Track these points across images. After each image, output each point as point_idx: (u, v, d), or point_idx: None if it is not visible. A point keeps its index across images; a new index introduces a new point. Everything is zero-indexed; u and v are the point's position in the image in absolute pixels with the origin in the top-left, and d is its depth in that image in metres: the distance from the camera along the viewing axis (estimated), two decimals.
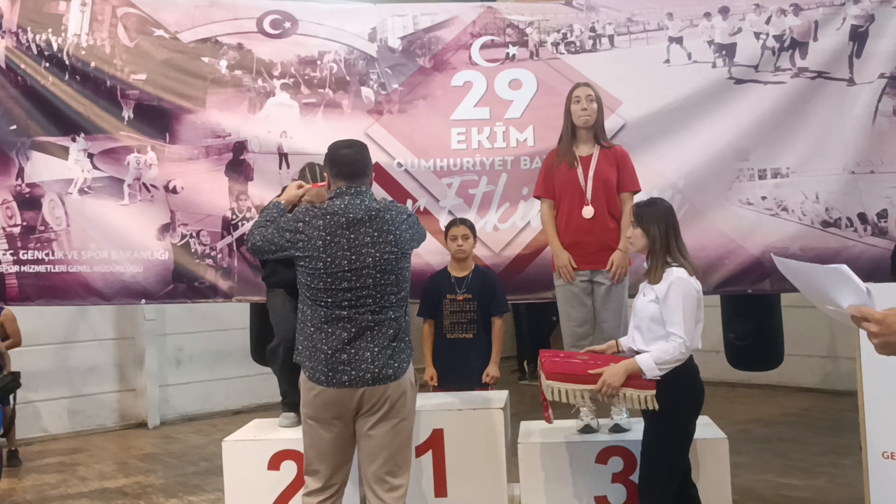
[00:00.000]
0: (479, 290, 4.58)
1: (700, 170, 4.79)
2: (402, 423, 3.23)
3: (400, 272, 3.23)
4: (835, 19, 4.77)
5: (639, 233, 3.45)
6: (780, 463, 5.66)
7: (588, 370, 3.35)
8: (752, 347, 5.74)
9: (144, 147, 4.85)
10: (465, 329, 4.58)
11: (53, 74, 4.82)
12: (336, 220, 3.19)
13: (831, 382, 7.92)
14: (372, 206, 3.25)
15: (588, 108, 4.16)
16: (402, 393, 3.21)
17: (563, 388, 3.37)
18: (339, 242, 3.16)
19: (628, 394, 3.30)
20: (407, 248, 3.28)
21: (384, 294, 3.18)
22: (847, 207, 4.70)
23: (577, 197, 4.13)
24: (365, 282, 3.15)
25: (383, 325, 3.18)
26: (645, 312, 3.38)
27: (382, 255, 3.17)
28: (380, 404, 3.18)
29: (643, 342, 3.38)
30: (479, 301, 4.58)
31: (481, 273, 4.66)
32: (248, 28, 5.03)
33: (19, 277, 4.77)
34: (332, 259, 3.15)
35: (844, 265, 2.01)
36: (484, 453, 3.94)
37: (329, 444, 3.23)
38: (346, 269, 3.14)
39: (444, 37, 5.07)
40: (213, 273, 4.84)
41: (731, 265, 4.78)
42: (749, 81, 4.83)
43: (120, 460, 6.63)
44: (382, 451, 3.20)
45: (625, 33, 4.98)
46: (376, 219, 3.20)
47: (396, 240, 3.21)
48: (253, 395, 8.22)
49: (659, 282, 3.35)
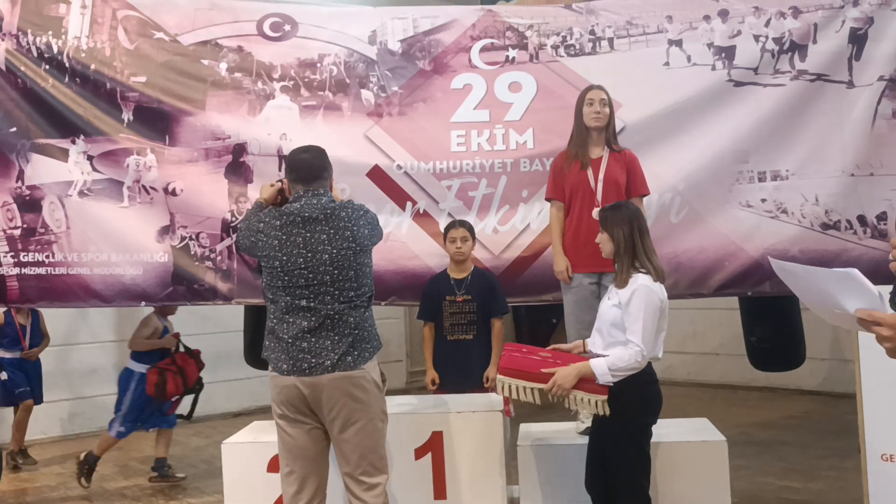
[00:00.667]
0: (479, 292, 4.60)
1: (700, 172, 4.78)
2: (369, 424, 3.25)
3: (359, 267, 3.28)
4: (834, 22, 4.77)
5: (605, 237, 3.49)
6: (781, 466, 5.66)
7: (541, 369, 3.36)
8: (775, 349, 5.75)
9: (144, 149, 4.85)
10: (465, 330, 4.60)
11: (53, 77, 4.82)
12: (292, 220, 3.28)
13: (832, 385, 7.91)
14: (328, 205, 3.32)
15: (601, 111, 4.19)
16: (363, 391, 3.22)
17: (513, 384, 3.40)
18: (294, 241, 3.24)
19: (579, 396, 3.30)
20: (365, 244, 3.32)
21: (342, 290, 3.23)
22: (847, 210, 4.70)
23: (587, 198, 4.14)
24: (322, 278, 3.21)
25: (343, 316, 3.23)
26: (607, 316, 3.40)
27: (339, 252, 3.23)
28: (340, 404, 3.19)
29: (602, 346, 3.39)
30: (479, 302, 4.59)
31: (480, 274, 4.67)
32: (249, 31, 5.03)
33: (20, 279, 4.77)
34: (287, 258, 3.23)
35: (855, 269, 1.99)
36: (483, 456, 3.94)
37: (299, 444, 3.26)
38: (303, 267, 3.21)
39: (443, 40, 5.07)
40: (212, 275, 4.84)
41: (732, 267, 4.78)
42: (748, 84, 4.83)
43: (120, 462, 6.63)
44: (354, 452, 3.24)
45: (624, 36, 4.98)
46: (332, 217, 3.28)
47: (354, 235, 3.27)
48: (253, 397, 8.22)
49: (624, 286, 3.35)
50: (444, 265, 4.72)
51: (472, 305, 4.59)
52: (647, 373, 3.36)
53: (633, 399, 3.31)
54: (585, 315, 4.11)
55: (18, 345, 6.50)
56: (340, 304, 3.24)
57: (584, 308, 4.13)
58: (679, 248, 4.77)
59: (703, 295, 4.88)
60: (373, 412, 3.26)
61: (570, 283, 4.17)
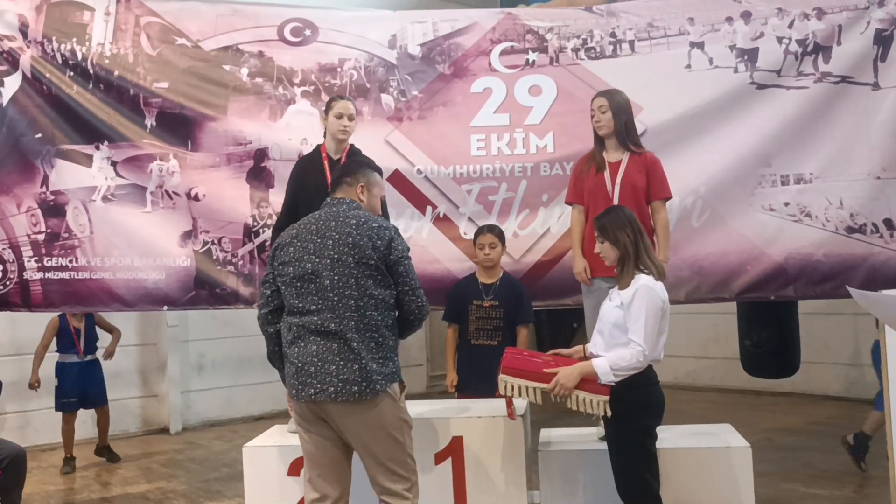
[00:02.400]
0: (506, 298, 4.56)
1: (722, 175, 4.75)
2: (385, 438, 3.15)
3: (361, 278, 3.12)
4: (859, 23, 4.72)
5: (607, 246, 3.45)
6: (806, 472, 5.58)
7: (544, 369, 3.34)
8: (768, 355, 5.70)
9: (167, 155, 4.89)
10: (490, 336, 4.55)
11: (78, 83, 4.88)
12: (307, 228, 3.26)
13: (857, 391, 7.81)
14: (345, 212, 3.26)
15: (601, 118, 4.14)
16: (374, 411, 3.11)
17: (515, 384, 3.38)
18: (307, 247, 3.20)
19: (581, 396, 3.29)
20: (367, 254, 3.13)
21: (342, 297, 3.11)
22: (873, 213, 4.64)
23: (604, 202, 4.10)
24: (323, 283, 3.14)
25: (346, 336, 3.09)
26: (609, 317, 3.38)
27: (340, 256, 3.14)
28: (350, 428, 3.13)
29: (604, 347, 3.38)
30: (506, 308, 4.56)
31: (509, 281, 4.65)
32: (269, 36, 5.06)
33: (43, 284, 4.83)
34: (299, 262, 3.19)
35: None
36: (504, 461, 3.92)
37: (318, 451, 3.23)
38: (310, 272, 3.16)
39: (463, 43, 5.07)
40: (234, 279, 4.87)
41: (754, 272, 4.73)
42: (772, 86, 4.78)
43: (142, 466, 6.68)
44: (374, 465, 3.18)
45: (645, 39, 4.96)
46: (341, 223, 3.20)
47: (355, 243, 3.15)
48: (274, 401, 8.24)
49: (626, 288, 3.34)
50: (464, 269, 4.71)
51: (499, 311, 4.55)
52: (648, 375, 3.35)
53: (637, 400, 3.30)
54: None
55: (74, 348, 6.53)
56: (343, 316, 3.10)
57: None
58: (701, 252, 4.73)
59: (725, 299, 4.83)
60: (387, 425, 3.16)
61: (590, 285, 4.14)
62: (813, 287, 4.71)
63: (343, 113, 4.21)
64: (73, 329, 6.51)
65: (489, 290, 4.58)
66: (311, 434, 3.22)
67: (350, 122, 4.23)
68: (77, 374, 6.52)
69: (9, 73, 4.85)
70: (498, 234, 4.59)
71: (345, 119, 4.20)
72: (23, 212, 4.85)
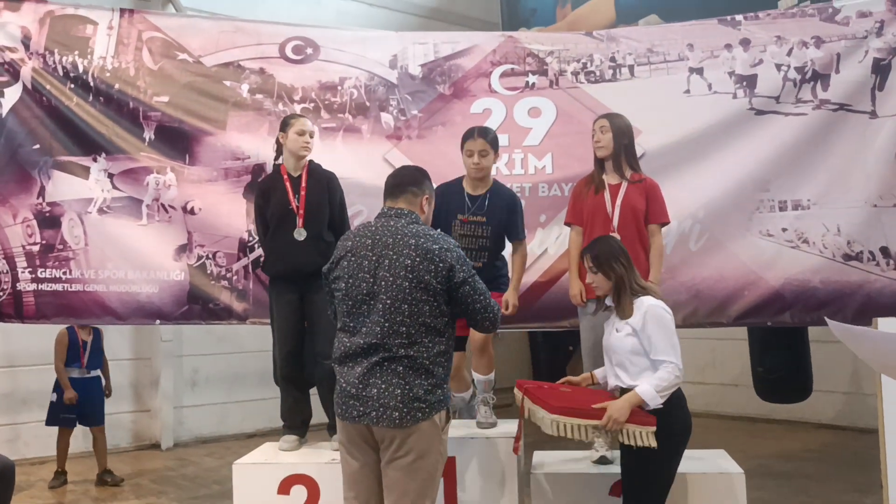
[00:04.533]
0: (496, 213, 4.11)
1: (720, 200, 4.76)
2: (418, 463, 2.99)
3: (415, 304, 2.98)
4: (857, 52, 4.74)
5: (600, 277, 3.42)
6: (801, 500, 5.54)
7: (590, 405, 3.30)
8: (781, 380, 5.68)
9: (164, 168, 4.90)
10: (474, 257, 4.07)
11: (78, 95, 4.89)
12: (363, 242, 3.10)
13: (854, 419, 7.77)
14: (403, 229, 3.08)
15: (601, 138, 4.14)
16: (415, 429, 2.97)
17: (568, 424, 3.29)
18: (360, 264, 3.06)
19: (630, 430, 3.24)
20: (425, 280, 2.98)
21: (393, 323, 2.98)
22: (869, 241, 4.64)
23: (604, 224, 4.10)
24: (376, 306, 3.01)
25: (394, 361, 2.98)
26: (623, 348, 3.35)
27: (395, 280, 2.99)
28: (388, 441, 3.02)
29: (629, 377, 3.34)
30: (493, 225, 4.11)
31: (501, 192, 4.18)
32: (271, 53, 5.08)
33: (36, 295, 4.81)
34: (353, 280, 3.06)
35: None
36: (496, 483, 3.89)
37: (357, 472, 3.13)
38: (365, 293, 3.03)
39: (464, 65, 5.10)
40: (228, 295, 4.85)
41: (751, 297, 4.73)
42: (770, 113, 4.80)
43: (132, 481, 6.62)
44: (396, 488, 3.02)
45: (645, 63, 4.98)
46: (400, 242, 3.04)
47: (413, 267, 2.99)
48: (268, 418, 8.17)
49: (631, 314, 3.33)
50: None
51: (486, 229, 4.10)
52: (680, 395, 3.34)
53: (673, 422, 3.28)
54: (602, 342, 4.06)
55: (78, 361, 6.38)
56: (391, 341, 2.98)
57: (600, 334, 4.07)
58: (698, 276, 4.73)
59: (722, 324, 4.82)
60: (422, 449, 3.00)
61: (585, 307, 4.12)
62: (809, 313, 4.70)
63: (304, 130, 4.26)
64: (81, 342, 6.38)
65: (476, 202, 4.14)
66: (353, 456, 3.12)
67: (311, 140, 4.30)
68: (78, 388, 6.38)
69: (9, 83, 4.86)
70: (492, 140, 4.13)
71: (306, 136, 4.26)
72: (18, 222, 4.84)
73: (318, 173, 4.32)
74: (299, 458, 4.04)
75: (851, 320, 4.65)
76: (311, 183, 4.27)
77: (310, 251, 4.13)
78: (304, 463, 3.96)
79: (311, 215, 4.21)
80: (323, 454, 4.04)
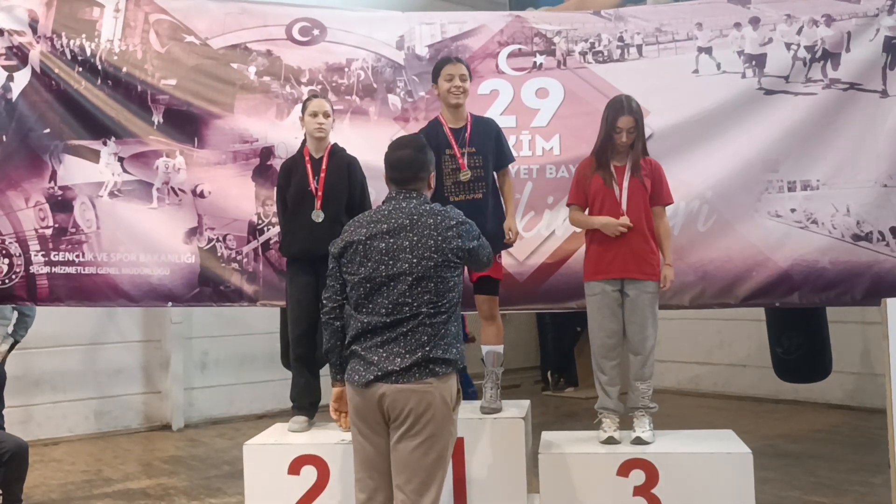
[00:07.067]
0: (484, 142, 4.08)
1: (728, 181, 4.74)
2: (430, 441, 3.03)
3: (441, 281, 3.08)
4: (868, 30, 4.70)
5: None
6: (808, 480, 5.56)
7: None
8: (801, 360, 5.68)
9: (173, 151, 4.91)
10: (473, 189, 4.04)
11: (86, 79, 4.89)
12: (378, 227, 3.15)
13: (861, 399, 7.78)
14: (417, 209, 3.16)
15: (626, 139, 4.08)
16: (427, 405, 3.03)
17: None
18: (378, 247, 3.11)
19: None
20: (449, 257, 3.10)
21: (420, 303, 3.07)
22: (879, 221, 4.62)
23: (612, 206, 4.09)
24: (401, 288, 3.06)
25: (418, 330, 3.06)
26: None
27: (420, 261, 3.06)
28: (404, 415, 3.04)
29: None
30: (484, 154, 4.05)
31: (481, 121, 4.19)
32: (278, 35, 5.06)
33: (50, 278, 4.84)
34: (373, 264, 3.10)
35: None
36: (504, 463, 3.92)
37: (369, 453, 3.16)
38: (384, 275, 3.08)
39: (471, 45, 5.07)
40: (238, 277, 4.88)
41: (760, 277, 4.72)
42: (779, 92, 4.77)
43: (144, 462, 6.69)
44: (407, 467, 3.06)
45: (653, 43, 4.95)
46: (417, 223, 3.11)
47: (437, 246, 3.08)
48: (277, 399, 8.25)
49: None
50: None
51: (478, 159, 4.04)
52: None
53: None
54: (609, 322, 4.07)
55: None
56: (416, 316, 3.07)
57: (607, 315, 4.09)
58: (706, 257, 4.72)
59: (730, 305, 4.82)
60: (435, 428, 3.05)
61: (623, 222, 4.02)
62: (818, 294, 4.69)
63: (318, 111, 4.22)
64: None
65: (461, 135, 4.09)
66: (365, 435, 3.15)
67: (326, 120, 4.25)
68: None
69: (18, 68, 4.87)
70: (468, 67, 4.17)
71: (320, 117, 4.22)
72: (31, 206, 4.87)
73: (339, 156, 4.33)
74: (309, 439, 4.08)
75: (860, 301, 4.66)
76: (332, 166, 4.28)
77: (327, 233, 4.13)
78: (313, 444, 4.00)
79: (330, 197, 4.23)
80: (332, 435, 4.07)
